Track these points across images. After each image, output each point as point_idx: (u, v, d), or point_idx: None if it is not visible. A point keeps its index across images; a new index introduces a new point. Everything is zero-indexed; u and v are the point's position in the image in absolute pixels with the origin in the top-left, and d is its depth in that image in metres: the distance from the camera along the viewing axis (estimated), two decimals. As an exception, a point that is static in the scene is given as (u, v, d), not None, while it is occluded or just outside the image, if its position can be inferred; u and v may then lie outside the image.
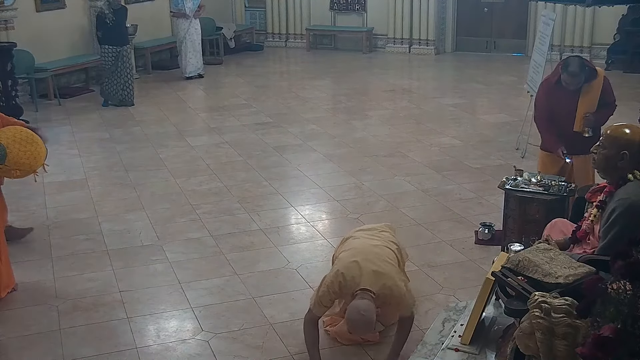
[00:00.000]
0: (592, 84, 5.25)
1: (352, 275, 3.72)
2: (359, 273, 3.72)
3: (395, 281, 3.75)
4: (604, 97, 5.31)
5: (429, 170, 7.20)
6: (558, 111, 5.35)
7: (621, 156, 3.23)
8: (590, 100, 5.27)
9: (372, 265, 3.77)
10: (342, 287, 3.74)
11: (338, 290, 3.77)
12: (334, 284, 3.76)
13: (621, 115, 5.59)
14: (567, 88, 5.25)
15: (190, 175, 7.21)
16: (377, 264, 3.79)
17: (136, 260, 5.33)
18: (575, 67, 5.15)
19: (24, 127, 4.71)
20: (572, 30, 12.65)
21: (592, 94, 5.27)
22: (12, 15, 10.02)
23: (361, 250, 3.95)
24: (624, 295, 2.06)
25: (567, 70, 5.17)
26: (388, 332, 4.19)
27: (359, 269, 3.74)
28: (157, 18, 13.08)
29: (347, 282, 3.72)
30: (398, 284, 3.75)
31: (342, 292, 3.78)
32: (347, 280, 3.72)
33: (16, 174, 4.57)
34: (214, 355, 4.09)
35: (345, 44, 14.98)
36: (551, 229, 3.84)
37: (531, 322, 2.34)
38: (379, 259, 3.85)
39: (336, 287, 3.75)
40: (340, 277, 3.74)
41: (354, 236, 4.26)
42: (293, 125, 9.07)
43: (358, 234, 4.26)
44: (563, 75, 5.21)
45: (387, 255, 3.94)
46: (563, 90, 5.28)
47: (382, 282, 3.70)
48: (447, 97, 10.71)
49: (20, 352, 4.18)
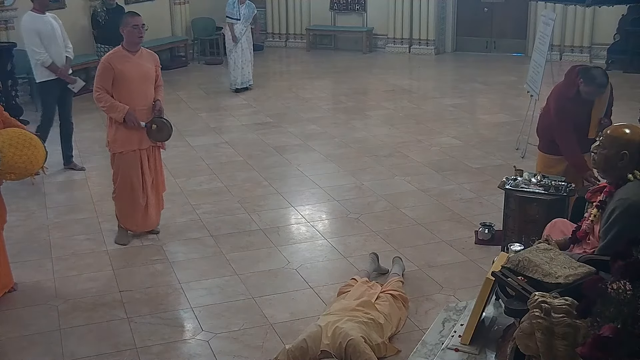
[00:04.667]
0: (604, 91, 5.22)
1: (313, 339, 3.81)
2: (318, 337, 3.81)
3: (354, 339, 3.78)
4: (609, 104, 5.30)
5: (429, 170, 7.20)
6: (574, 124, 5.22)
7: (621, 156, 3.23)
8: (602, 106, 5.21)
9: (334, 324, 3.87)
10: (303, 352, 3.79)
11: (298, 356, 3.80)
12: (295, 349, 3.81)
13: (621, 115, 5.59)
14: (582, 100, 5.12)
15: (190, 175, 7.21)
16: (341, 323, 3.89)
17: (136, 260, 5.33)
18: (604, 80, 5.03)
19: (23, 130, 4.68)
20: (572, 30, 12.65)
21: (603, 100, 5.20)
22: (12, 15, 10.02)
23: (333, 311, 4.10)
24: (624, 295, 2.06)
25: (595, 83, 5.01)
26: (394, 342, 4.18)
27: (320, 332, 3.84)
28: (157, 18, 13.08)
29: (309, 347, 3.79)
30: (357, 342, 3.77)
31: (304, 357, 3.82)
32: (309, 346, 3.79)
33: (10, 177, 4.55)
34: (214, 355, 4.10)
35: (345, 44, 14.98)
36: (551, 229, 3.84)
37: (531, 322, 2.34)
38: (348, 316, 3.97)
39: (297, 352, 3.80)
40: (303, 343, 3.81)
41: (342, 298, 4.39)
42: (293, 125, 9.08)
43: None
44: (588, 88, 5.03)
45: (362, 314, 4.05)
46: (579, 102, 5.14)
47: (339, 341, 3.76)
48: (447, 97, 10.71)
49: (20, 352, 4.18)
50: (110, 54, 5.43)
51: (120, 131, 5.41)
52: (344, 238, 5.65)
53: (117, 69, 5.30)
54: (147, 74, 5.46)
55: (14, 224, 5.68)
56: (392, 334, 4.14)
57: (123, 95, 5.34)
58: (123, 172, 5.50)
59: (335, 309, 4.14)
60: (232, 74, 11.01)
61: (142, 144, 5.48)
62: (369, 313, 4.09)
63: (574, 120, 5.15)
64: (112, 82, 5.32)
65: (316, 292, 4.80)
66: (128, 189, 5.52)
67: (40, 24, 7.15)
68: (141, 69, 5.42)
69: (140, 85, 5.41)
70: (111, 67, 5.30)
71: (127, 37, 5.39)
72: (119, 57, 5.36)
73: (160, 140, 5.60)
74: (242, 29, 10.91)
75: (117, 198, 5.62)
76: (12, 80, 9.31)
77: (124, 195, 5.56)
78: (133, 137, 5.43)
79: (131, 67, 5.35)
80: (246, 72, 11.04)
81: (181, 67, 13.22)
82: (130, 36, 5.37)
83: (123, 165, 5.49)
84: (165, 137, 5.58)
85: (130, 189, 5.51)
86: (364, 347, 3.75)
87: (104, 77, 5.33)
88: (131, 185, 5.51)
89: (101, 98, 5.32)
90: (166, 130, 5.54)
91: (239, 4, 10.79)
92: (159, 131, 5.50)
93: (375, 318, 4.07)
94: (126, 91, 5.34)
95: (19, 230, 5.85)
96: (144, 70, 5.44)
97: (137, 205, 5.54)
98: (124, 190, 5.54)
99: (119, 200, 5.61)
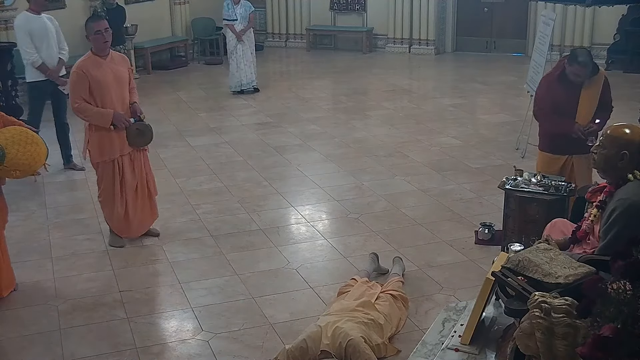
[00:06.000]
0: (594, 79, 5.24)
1: (313, 339, 3.81)
2: (318, 337, 3.81)
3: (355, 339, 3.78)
4: (603, 95, 5.30)
5: (429, 170, 7.20)
6: (560, 106, 5.32)
7: (621, 156, 3.23)
8: (592, 95, 5.25)
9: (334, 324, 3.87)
10: (302, 353, 3.78)
11: (298, 356, 3.79)
12: (295, 349, 3.81)
13: (621, 115, 5.59)
14: (569, 82, 5.22)
15: (190, 175, 7.21)
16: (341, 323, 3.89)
17: (136, 260, 5.33)
18: (586, 57, 5.13)
19: (24, 128, 4.70)
20: (572, 30, 12.64)
21: (594, 90, 5.25)
22: (12, 15, 10.00)
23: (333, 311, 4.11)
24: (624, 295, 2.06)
25: (577, 61, 5.11)
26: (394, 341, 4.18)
27: (319, 332, 3.84)
28: (157, 18, 13.08)
29: (309, 347, 3.79)
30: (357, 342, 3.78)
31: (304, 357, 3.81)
32: (309, 346, 3.79)
33: (15, 174, 4.57)
34: (214, 355, 4.10)
35: (345, 44, 14.98)
36: (551, 229, 3.84)
37: (531, 322, 2.34)
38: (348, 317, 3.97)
39: (297, 352, 3.79)
40: (303, 343, 3.81)
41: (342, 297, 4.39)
42: (293, 125, 9.08)
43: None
44: (572, 67, 5.14)
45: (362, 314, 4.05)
46: (565, 85, 5.25)
47: (339, 341, 3.76)
48: (447, 97, 10.71)
49: (20, 352, 4.18)
50: (82, 60, 5.24)
51: (102, 139, 5.27)
52: (344, 238, 5.65)
53: (91, 75, 5.15)
54: (121, 78, 5.34)
55: (14, 224, 5.67)
56: (392, 334, 4.14)
57: (101, 101, 5.20)
58: (106, 179, 5.40)
59: (335, 309, 4.14)
60: (235, 76, 10.88)
61: (124, 150, 5.37)
62: (369, 313, 4.09)
63: (557, 100, 5.27)
64: (88, 90, 5.16)
65: (316, 292, 4.80)
66: (111, 195, 5.43)
67: (33, 24, 7.17)
68: (115, 73, 5.28)
69: (117, 89, 5.28)
70: (85, 75, 5.14)
71: (94, 43, 5.24)
72: (90, 63, 5.21)
73: (141, 145, 5.48)
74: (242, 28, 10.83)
75: (102, 202, 5.53)
76: (12, 80, 9.30)
77: (108, 201, 5.47)
78: (114, 144, 5.31)
79: (105, 72, 5.21)
80: (249, 72, 10.94)
81: (181, 67, 13.21)
82: (96, 42, 5.22)
83: (105, 173, 5.39)
84: (147, 141, 5.48)
85: (113, 195, 5.42)
86: (364, 347, 3.75)
87: (80, 86, 5.15)
88: (113, 191, 5.41)
89: (81, 108, 5.16)
90: (148, 134, 5.45)
91: (234, 4, 10.76)
92: (141, 135, 5.40)
93: (375, 318, 4.07)
94: (104, 97, 5.20)
95: (19, 230, 5.85)
96: (118, 74, 5.31)
97: (120, 210, 5.45)
98: (108, 196, 5.45)
99: (104, 206, 5.52)
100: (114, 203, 5.45)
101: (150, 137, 5.51)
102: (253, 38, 11.15)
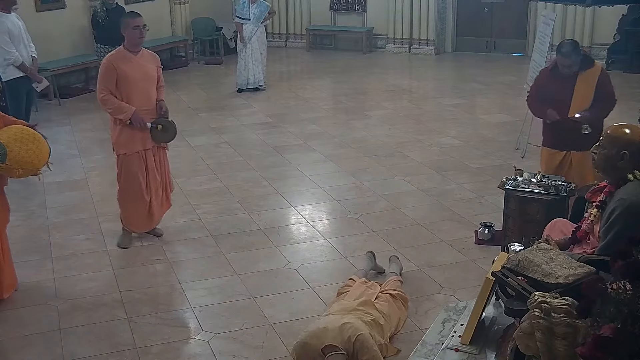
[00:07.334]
0: (588, 72, 5.28)
1: (318, 336, 3.76)
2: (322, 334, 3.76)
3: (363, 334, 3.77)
4: (600, 89, 5.30)
5: (429, 170, 7.20)
6: (553, 98, 5.35)
7: (621, 156, 3.23)
8: (586, 89, 5.27)
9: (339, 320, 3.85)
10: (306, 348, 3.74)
11: (302, 354, 3.75)
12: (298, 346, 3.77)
13: (621, 115, 5.60)
14: (563, 75, 5.28)
15: (190, 175, 7.21)
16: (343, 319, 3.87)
17: (136, 260, 5.33)
18: (567, 47, 5.21)
19: (25, 126, 4.70)
20: (572, 30, 12.63)
21: (588, 83, 5.28)
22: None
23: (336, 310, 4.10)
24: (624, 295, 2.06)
25: (560, 52, 5.24)
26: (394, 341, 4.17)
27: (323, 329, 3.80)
28: (157, 18, 13.07)
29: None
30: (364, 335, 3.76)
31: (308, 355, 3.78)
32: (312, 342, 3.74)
33: (19, 172, 4.56)
34: (214, 355, 4.10)
35: (345, 44, 14.97)
36: (551, 229, 3.84)
37: (531, 322, 2.34)
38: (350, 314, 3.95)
39: (300, 350, 3.75)
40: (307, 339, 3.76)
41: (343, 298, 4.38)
42: (293, 125, 9.08)
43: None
44: (557, 58, 5.29)
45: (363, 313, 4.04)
46: (559, 77, 5.33)
47: (348, 335, 3.72)
48: (447, 97, 10.71)
49: (20, 352, 4.18)
50: (112, 54, 5.38)
51: (124, 132, 5.39)
52: (343, 238, 5.65)
53: (119, 69, 5.27)
54: (149, 75, 5.44)
55: (14, 224, 5.66)
56: (392, 334, 4.14)
57: (126, 96, 5.31)
58: (127, 173, 5.48)
59: (335, 310, 4.14)
60: (242, 74, 10.86)
61: (146, 144, 5.47)
62: (370, 313, 4.08)
63: (550, 92, 5.34)
64: (115, 83, 5.28)
65: (316, 292, 4.80)
66: (132, 190, 5.50)
67: (9, 23, 7.24)
68: (143, 69, 5.39)
69: (143, 86, 5.38)
70: (114, 68, 5.26)
71: (128, 39, 5.36)
72: (120, 57, 5.33)
73: (164, 141, 5.59)
74: (253, 29, 10.77)
75: (120, 199, 5.60)
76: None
77: (127, 196, 5.53)
78: (136, 138, 5.41)
79: (133, 67, 5.32)
80: (257, 72, 10.91)
81: (181, 67, 13.22)
82: (132, 37, 5.34)
83: (127, 166, 5.47)
84: (170, 137, 5.58)
85: (134, 189, 5.49)
86: (372, 344, 3.73)
87: (108, 78, 5.28)
88: (135, 186, 5.48)
89: (106, 100, 5.27)
90: (171, 130, 5.54)
91: (250, 3, 10.65)
92: (164, 131, 5.49)
93: (376, 318, 4.06)
94: (129, 92, 5.30)
95: (19, 230, 5.85)
96: (146, 71, 5.41)
97: (141, 206, 5.52)
98: (128, 191, 5.52)
99: (122, 201, 5.59)
100: (135, 199, 5.49)
101: (174, 134, 5.58)
102: (264, 38, 11.10)
